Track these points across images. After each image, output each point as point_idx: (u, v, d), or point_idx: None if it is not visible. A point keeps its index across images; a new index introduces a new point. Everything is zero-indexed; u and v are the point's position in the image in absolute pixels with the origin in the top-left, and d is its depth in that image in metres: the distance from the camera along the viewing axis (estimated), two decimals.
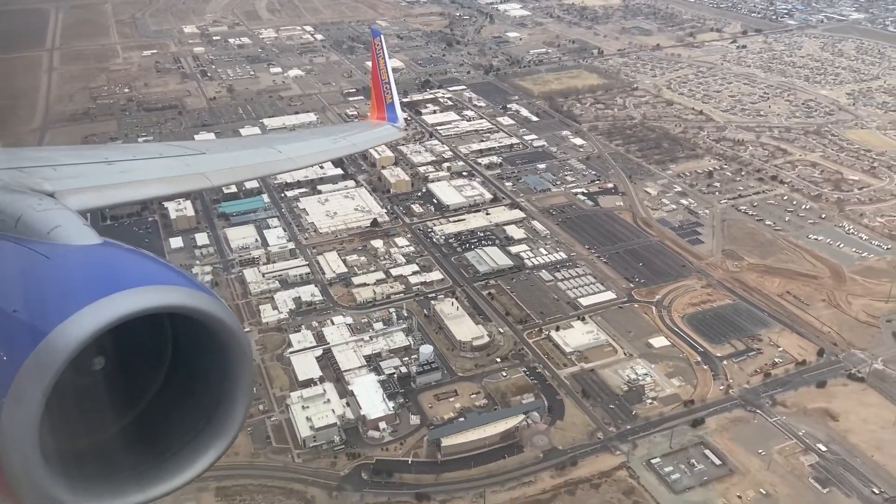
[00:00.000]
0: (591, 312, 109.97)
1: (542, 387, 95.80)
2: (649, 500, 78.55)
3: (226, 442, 8.25)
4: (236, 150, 19.31)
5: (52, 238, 8.22)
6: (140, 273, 7.62)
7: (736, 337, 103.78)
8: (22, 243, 8.19)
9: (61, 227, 8.33)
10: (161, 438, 8.33)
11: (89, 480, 7.52)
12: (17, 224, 8.60)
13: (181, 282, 7.47)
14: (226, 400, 8.18)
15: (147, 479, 7.94)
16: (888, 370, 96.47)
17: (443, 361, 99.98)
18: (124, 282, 7.12)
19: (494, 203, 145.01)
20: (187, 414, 8.37)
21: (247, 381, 8.16)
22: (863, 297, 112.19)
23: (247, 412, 8.31)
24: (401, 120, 28.98)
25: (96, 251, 8.02)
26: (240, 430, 8.31)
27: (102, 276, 7.52)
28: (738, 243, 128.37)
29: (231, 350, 7.80)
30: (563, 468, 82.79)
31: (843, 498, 78.27)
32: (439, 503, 78.83)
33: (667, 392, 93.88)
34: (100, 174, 12.60)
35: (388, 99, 29.45)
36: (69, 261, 7.83)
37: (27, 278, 7.61)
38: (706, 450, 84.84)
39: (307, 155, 20.45)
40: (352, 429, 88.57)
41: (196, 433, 8.25)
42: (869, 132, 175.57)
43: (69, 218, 8.70)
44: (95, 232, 8.32)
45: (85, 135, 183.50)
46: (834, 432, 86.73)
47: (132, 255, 8.13)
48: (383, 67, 30.16)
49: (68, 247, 8.04)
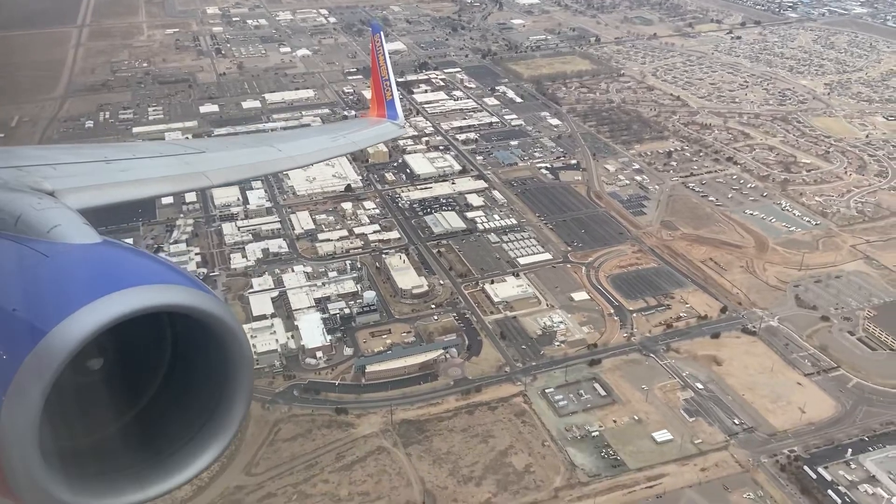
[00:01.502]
0: (525, 270, 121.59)
1: (466, 329, 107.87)
2: (536, 420, 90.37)
3: (225, 441, 8.24)
4: (236, 149, 19.23)
5: (51, 237, 8.18)
6: (140, 272, 7.60)
7: (651, 295, 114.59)
8: (21, 242, 8.14)
9: (61, 226, 8.30)
10: (160, 437, 8.29)
11: (88, 479, 7.47)
12: (16, 223, 8.53)
13: (181, 281, 7.47)
14: (225, 399, 8.15)
15: (146, 478, 7.92)
16: (781, 327, 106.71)
17: (384, 305, 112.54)
18: (124, 281, 7.13)
19: (462, 174, 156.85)
20: (186, 413, 8.32)
21: (246, 381, 8.09)
22: (779, 265, 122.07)
23: (246, 412, 8.28)
24: (401, 117, 29.05)
25: (96, 250, 8.00)
26: (239, 430, 8.34)
27: (102, 275, 7.49)
28: (678, 215, 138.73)
29: (230, 349, 7.79)
30: (467, 394, 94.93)
31: (705, 426, 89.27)
32: (355, 416, 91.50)
33: (575, 337, 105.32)
34: (99, 173, 12.57)
35: (389, 96, 29.32)
36: (69, 260, 7.78)
37: (27, 277, 7.60)
38: (596, 384, 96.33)
39: (307, 153, 20.65)
40: (293, 357, 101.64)
41: (195, 432, 8.23)
42: (835, 120, 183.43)
43: (69, 217, 8.67)
44: (95, 231, 8.35)
45: (101, 103, 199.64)
46: (715, 374, 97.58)
47: (132, 254, 8.17)
48: (383, 64, 29.92)
49: (68, 246, 8.00)
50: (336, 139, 22.77)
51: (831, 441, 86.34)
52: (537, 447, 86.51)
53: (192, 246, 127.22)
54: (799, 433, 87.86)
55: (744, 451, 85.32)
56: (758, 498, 79.01)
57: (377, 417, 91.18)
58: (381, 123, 28.31)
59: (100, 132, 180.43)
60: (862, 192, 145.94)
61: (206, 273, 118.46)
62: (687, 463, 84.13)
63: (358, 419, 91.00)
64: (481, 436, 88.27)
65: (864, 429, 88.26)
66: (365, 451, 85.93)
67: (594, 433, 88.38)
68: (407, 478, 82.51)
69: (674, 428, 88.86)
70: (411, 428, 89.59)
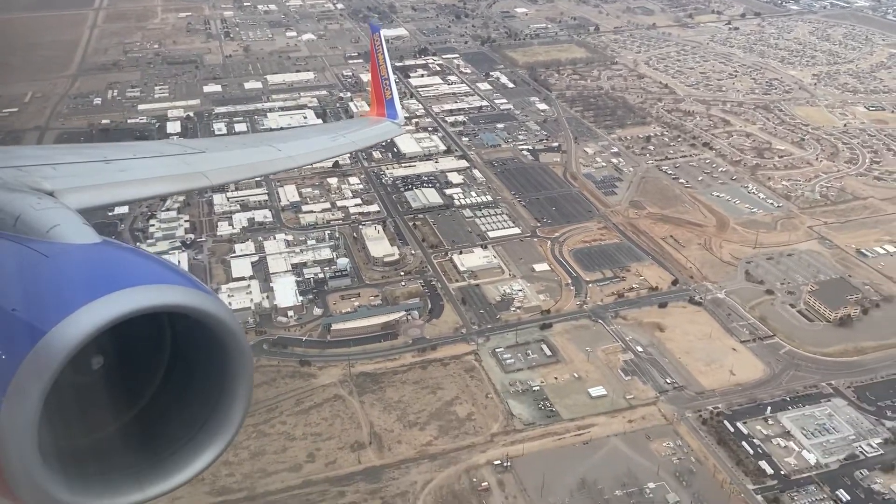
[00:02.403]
0: (494, 243, 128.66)
1: (431, 295, 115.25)
2: (483, 376, 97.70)
3: (224, 441, 8.27)
4: (236, 149, 19.29)
5: (51, 237, 8.24)
6: (139, 272, 7.63)
7: (608, 267, 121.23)
8: (21, 242, 8.17)
9: (60, 226, 8.35)
10: (160, 437, 8.33)
11: (87, 479, 7.52)
12: (16, 223, 8.58)
13: (180, 281, 7.51)
14: (224, 399, 8.19)
15: (145, 478, 7.96)
16: (727, 299, 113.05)
17: (356, 272, 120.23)
18: (123, 281, 7.16)
19: (447, 154, 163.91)
20: (186, 413, 8.37)
21: (246, 381, 8.15)
22: (735, 243, 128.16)
23: (246, 412, 8.31)
24: (400, 116, 29.13)
25: (95, 250, 8.04)
26: (238, 430, 8.37)
27: (101, 274, 7.55)
28: (647, 196, 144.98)
29: (230, 349, 7.84)
30: (423, 351, 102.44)
31: (639, 384, 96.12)
32: (317, 368, 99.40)
33: (532, 304, 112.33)
34: (99, 173, 12.57)
35: (388, 95, 29.31)
36: (68, 259, 7.83)
37: (26, 277, 7.64)
38: (544, 345, 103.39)
39: (306, 153, 20.79)
40: (266, 315, 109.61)
41: (195, 432, 8.27)
42: (817, 109, 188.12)
43: (68, 217, 8.73)
44: (94, 231, 8.42)
45: (110, 82, 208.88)
46: (656, 339, 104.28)
47: (131, 254, 8.30)
48: (383, 63, 29.85)
49: (67, 245, 8.04)
50: (335, 139, 22.98)
51: (754, 400, 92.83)
52: (481, 399, 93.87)
53: (182, 214, 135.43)
54: (725, 392, 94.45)
55: (671, 407, 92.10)
56: (676, 447, 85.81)
57: (337, 370, 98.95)
58: (381, 123, 28.42)
59: (106, 108, 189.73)
60: (829, 178, 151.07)
61: (194, 238, 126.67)
62: (616, 415, 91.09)
63: (319, 371, 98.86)
64: (431, 388, 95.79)
65: (788, 390, 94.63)
66: (322, 398, 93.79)
67: (535, 388, 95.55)
68: (357, 421, 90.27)
69: (609, 385, 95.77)
70: (367, 379, 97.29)
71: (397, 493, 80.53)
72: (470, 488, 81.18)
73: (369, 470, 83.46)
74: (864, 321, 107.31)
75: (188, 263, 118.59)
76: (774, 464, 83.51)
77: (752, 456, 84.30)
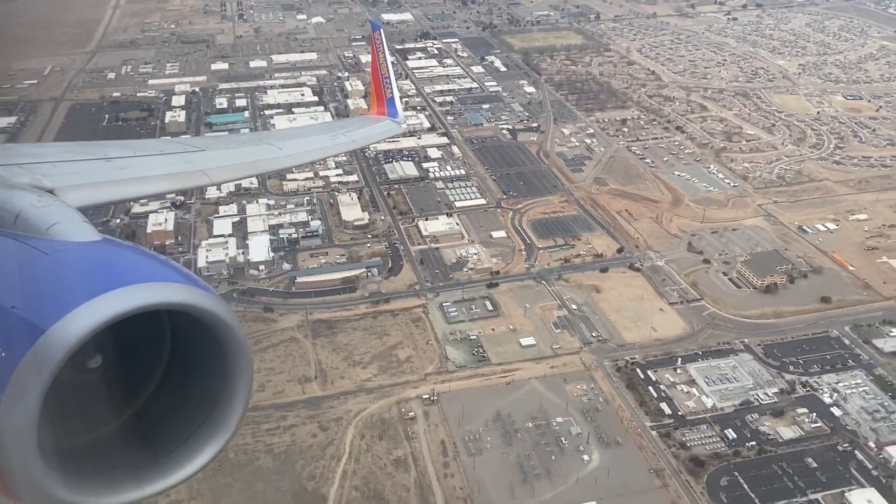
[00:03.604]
0: (459, 212, 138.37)
1: (393, 255, 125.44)
2: (427, 326, 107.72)
3: (223, 439, 8.31)
4: (236, 147, 19.42)
5: (51, 234, 8.25)
6: (139, 270, 7.68)
7: (561, 236, 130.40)
8: (21, 239, 8.20)
9: (60, 224, 8.37)
10: (159, 435, 8.37)
11: (86, 477, 7.55)
12: (16, 220, 8.60)
13: (180, 279, 7.56)
14: (224, 397, 8.23)
15: (144, 476, 7.98)
16: (665, 266, 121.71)
17: (328, 234, 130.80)
18: (123, 279, 7.20)
19: (430, 131, 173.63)
20: (185, 411, 8.39)
21: (245, 379, 8.17)
22: (685, 218, 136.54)
23: (245, 410, 8.32)
24: (401, 115, 29.03)
25: (95, 248, 8.05)
26: (238, 428, 8.40)
27: (101, 272, 7.56)
28: (612, 174, 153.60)
29: (229, 347, 7.88)
30: (377, 303, 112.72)
31: (567, 336, 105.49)
32: (279, 314, 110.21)
33: (484, 266, 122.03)
34: (99, 171, 12.67)
35: (388, 94, 29.26)
36: (68, 257, 7.85)
37: (26, 274, 7.68)
38: (487, 301, 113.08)
39: (307, 151, 21.00)
40: (240, 268, 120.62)
41: (194, 430, 8.31)
42: (795, 97, 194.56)
43: (68, 214, 8.73)
44: (95, 229, 8.41)
45: (126, 58, 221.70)
46: (591, 300, 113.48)
47: (131, 252, 8.23)
48: (383, 62, 29.77)
49: (67, 243, 8.06)
50: (335, 137, 22.96)
51: (669, 353, 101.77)
52: (422, 344, 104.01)
53: None
54: (644, 346, 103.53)
55: (592, 357, 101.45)
56: (588, 389, 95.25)
57: (296, 317, 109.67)
58: (381, 121, 28.41)
59: (119, 83, 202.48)
60: (790, 161, 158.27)
61: (183, 200, 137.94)
62: (541, 362, 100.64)
63: (280, 317, 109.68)
64: (378, 334, 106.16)
65: (702, 346, 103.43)
66: (279, 340, 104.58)
67: (472, 337, 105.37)
68: (308, 360, 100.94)
69: (540, 336, 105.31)
70: (322, 325, 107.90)
71: (333, 419, 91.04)
72: (398, 417, 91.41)
73: (312, 399, 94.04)
74: (789, 289, 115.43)
75: (175, 222, 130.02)
76: (674, 406, 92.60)
77: (656, 399, 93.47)
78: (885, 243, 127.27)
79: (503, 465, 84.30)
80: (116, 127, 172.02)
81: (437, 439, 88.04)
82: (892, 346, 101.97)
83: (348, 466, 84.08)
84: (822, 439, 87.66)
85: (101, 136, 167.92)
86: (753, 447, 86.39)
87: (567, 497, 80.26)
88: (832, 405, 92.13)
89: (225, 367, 8.07)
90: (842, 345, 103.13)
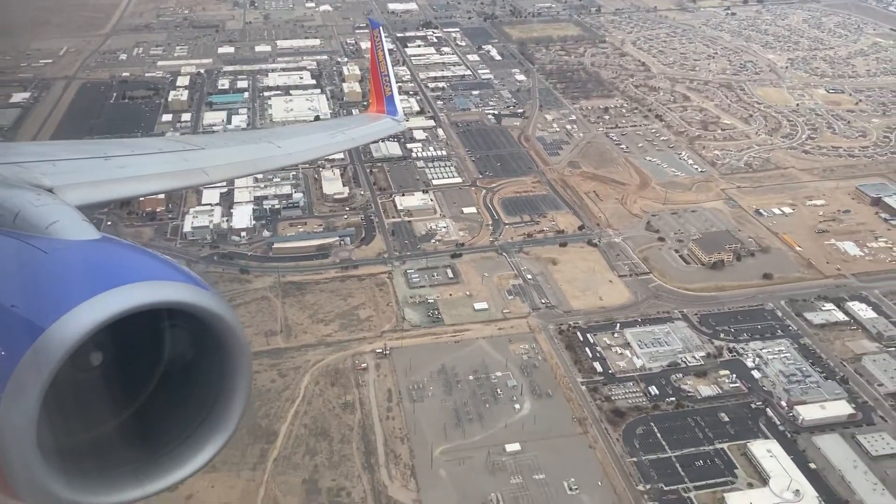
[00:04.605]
0: (435, 189, 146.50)
1: (367, 226, 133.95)
2: (390, 290, 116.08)
3: (223, 438, 8.38)
4: (235, 146, 19.50)
5: (50, 233, 8.28)
6: (139, 269, 7.74)
7: (528, 213, 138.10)
8: (20, 238, 8.23)
9: (60, 223, 8.41)
10: (159, 434, 8.42)
11: (86, 476, 7.59)
12: (15, 219, 8.64)
13: (180, 277, 7.62)
14: (224, 396, 8.30)
15: (144, 474, 8.03)
16: (622, 243, 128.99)
17: (309, 205, 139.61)
18: (123, 277, 7.25)
19: (419, 114, 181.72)
20: (185, 410, 8.46)
21: (245, 378, 8.26)
22: (649, 200, 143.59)
23: (245, 409, 8.39)
24: (400, 113, 29.13)
25: (95, 247, 8.11)
26: (238, 427, 8.46)
27: (101, 271, 7.60)
28: (587, 158, 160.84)
29: (229, 346, 7.95)
30: (346, 269, 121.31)
31: (519, 302, 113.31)
32: (254, 276, 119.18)
33: (451, 238, 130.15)
34: (98, 169, 12.74)
35: (388, 92, 29.28)
36: (67, 256, 7.90)
37: (25, 273, 7.70)
38: (449, 270, 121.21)
39: (306, 150, 21.37)
40: (223, 234, 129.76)
41: (194, 429, 8.37)
42: (778, 90, 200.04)
43: (68, 213, 8.78)
44: (94, 227, 8.47)
45: (138, 41, 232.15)
46: (546, 270, 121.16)
47: (131, 251, 8.27)
48: (382, 59, 29.95)
49: (67, 242, 8.11)
50: (335, 136, 23.14)
51: (610, 319, 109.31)
52: (382, 306, 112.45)
53: None
54: (588, 312, 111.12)
55: (538, 321, 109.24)
56: (530, 349, 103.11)
57: (270, 279, 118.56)
58: (381, 119, 28.60)
59: (129, 63, 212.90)
60: (760, 150, 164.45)
61: None
62: (491, 324, 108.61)
63: (255, 278, 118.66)
64: (343, 296, 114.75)
65: (642, 314, 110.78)
66: (251, 298, 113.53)
67: (430, 300, 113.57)
68: (276, 316, 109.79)
69: (493, 302, 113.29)
70: (293, 287, 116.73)
71: (292, 367, 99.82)
72: (352, 367, 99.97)
73: (274, 350, 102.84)
74: (735, 266, 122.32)
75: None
76: (606, 365, 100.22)
77: (590, 358, 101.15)
78: (837, 227, 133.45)
79: (441, 411, 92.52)
80: (123, 104, 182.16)
81: (384, 387, 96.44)
82: (821, 319, 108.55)
83: (301, 408, 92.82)
84: (738, 398, 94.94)
85: (108, 112, 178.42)
86: (672, 402, 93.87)
87: (494, 439, 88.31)
88: (753, 369, 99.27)
89: (224, 366, 8.12)
90: (774, 317, 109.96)
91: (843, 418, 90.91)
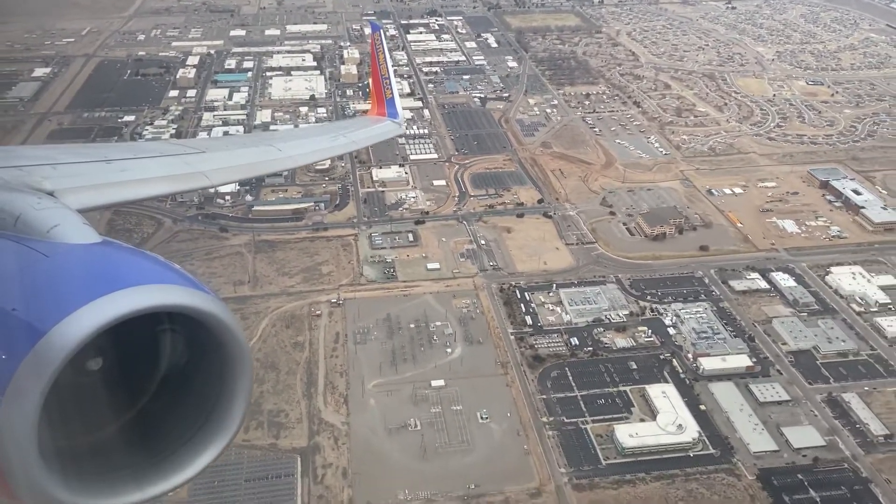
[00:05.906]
0: (411, 164, 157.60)
1: (342, 194, 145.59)
2: (354, 250, 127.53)
3: (224, 441, 8.42)
4: (236, 149, 19.56)
5: (51, 237, 8.35)
6: (139, 272, 7.75)
7: (493, 187, 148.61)
8: (21, 242, 8.27)
9: (60, 226, 8.47)
10: (159, 437, 8.45)
11: (87, 479, 7.61)
12: (16, 222, 8.70)
13: (180, 281, 7.64)
14: (224, 399, 8.34)
15: (145, 477, 8.06)
16: (575, 216, 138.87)
17: (292, 174, 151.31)
18: (123, 281, 7.27)
19: (409, 95, 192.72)
20: (185, 413, 8.50)
21: (245, 381, 8.28)
22: (608, 178, 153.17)
23: (245, 412, 8.47)
24: (401, 116, 29.16)
25: (95, 250, 8.15)
26: (238, 430, 8.53)
27: (101, 274, 7.63)
28: (559, 139, 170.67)
29: (230, 349, 7.98)
30: (316, 231, 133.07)
31: (469, 265, 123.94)
32: (232, 234, 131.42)
33: (418, 207, 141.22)
34: (99, 173, 12.80)
35: (388, 94, 29.47)
36: (68, 259, 7.95)
37: (26, 277, 7.70)
38: (410, 234, 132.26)
39: (307, 153, 21.54)
40: (209, 197, 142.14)
41: (194, 432, 8.41)
42: (758, 81, 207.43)
43: (68, 217, 8.86)
44: (95, 231, 8.54)
45: (158, 23, 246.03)
46: (500, 238, 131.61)
47: (131, 255, 8.30)
48: (383, 62, 30.09)
49: (67, 245, 8.16)
50: (335, 139, 23.34)
51: (549, 281, 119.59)
52: (344, 264, 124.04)
53: (174, 124, 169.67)
54: (530, 275, 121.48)
55: (484, 280, 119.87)
56: (470, 303, 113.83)
57: (246, 237, 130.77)
58: (381, 122, 28.63)
59: (146, 44, 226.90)
60: (727, 136, 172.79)
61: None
62: (440, 282, 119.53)
63: (233, 237, 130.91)
64: (310, 253, 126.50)
65: (579, 277, 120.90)
66: (226, 253, 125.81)
67: (388, 260, 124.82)
68: (246, 269, 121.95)
69: (445, 263, 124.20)
70: (266, 245, 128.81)
71: (253, 312, 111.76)
72: (307, 314, 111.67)
73: (241, 297, 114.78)
74: (676, 239, 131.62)
75: None
76: (537, 318, 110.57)
77: (524, 313, 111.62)
78: (781, 207, 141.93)
79: (380, 352, 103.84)
80: (135, 81, 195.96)
81: (333, 332, 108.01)
82: (744, 286, 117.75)
83: (255, 345, 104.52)
84: (650, 350, 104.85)
85: (121, 87, 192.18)
86: (588, 351, 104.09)
87: (423, 377, 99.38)
88: (670, 326, 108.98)
89: (225, 369, 8.18)
90: (701, 283, 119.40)
91: (741, 370, 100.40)
